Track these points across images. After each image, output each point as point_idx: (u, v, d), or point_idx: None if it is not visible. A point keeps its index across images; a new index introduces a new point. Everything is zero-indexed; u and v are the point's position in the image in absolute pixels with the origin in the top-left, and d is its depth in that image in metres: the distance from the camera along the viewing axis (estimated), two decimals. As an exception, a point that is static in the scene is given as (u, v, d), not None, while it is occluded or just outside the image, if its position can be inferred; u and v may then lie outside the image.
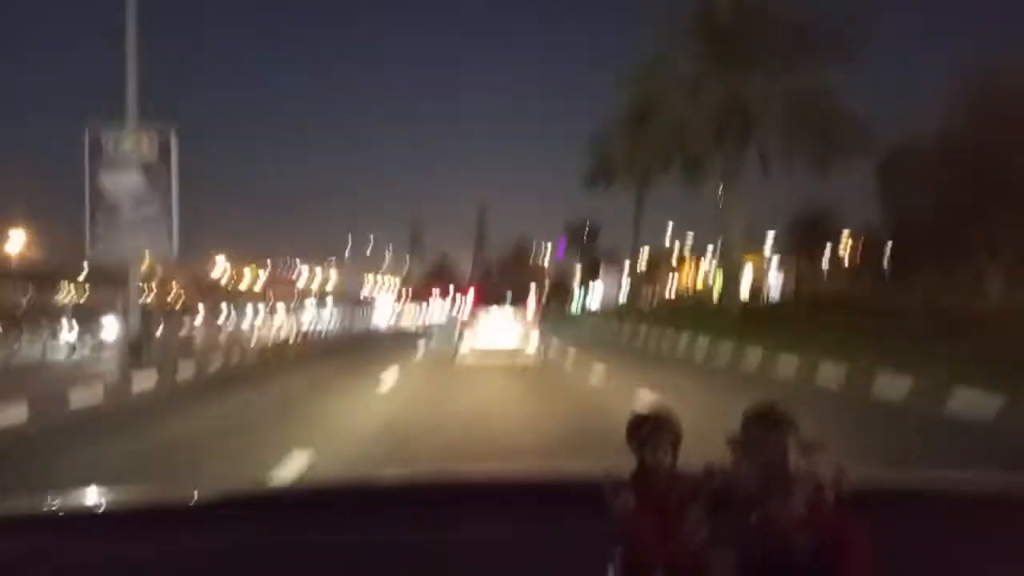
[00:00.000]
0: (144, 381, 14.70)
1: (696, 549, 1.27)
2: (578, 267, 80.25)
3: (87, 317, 24.34)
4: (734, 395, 11.78)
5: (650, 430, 1.33)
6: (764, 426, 1.25)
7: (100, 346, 19.82)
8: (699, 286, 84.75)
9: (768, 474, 1.23)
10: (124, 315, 17.73)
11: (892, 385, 12.51)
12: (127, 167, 16.81)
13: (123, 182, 16.88)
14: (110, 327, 20.02)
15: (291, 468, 6.89)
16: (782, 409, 1.27)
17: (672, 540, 1.26)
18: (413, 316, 61.43)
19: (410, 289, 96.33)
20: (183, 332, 25.05)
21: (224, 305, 30.40)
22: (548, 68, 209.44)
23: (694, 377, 15.71)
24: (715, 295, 76.34)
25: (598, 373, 15.64)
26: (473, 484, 2.06)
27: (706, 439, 1.43)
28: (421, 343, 26.56)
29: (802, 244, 59.99)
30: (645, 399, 10.75)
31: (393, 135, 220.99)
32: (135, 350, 17.00)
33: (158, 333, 23.67)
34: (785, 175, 26.91)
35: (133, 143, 16.93)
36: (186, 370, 16.54)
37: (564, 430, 8.52)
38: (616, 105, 32.39)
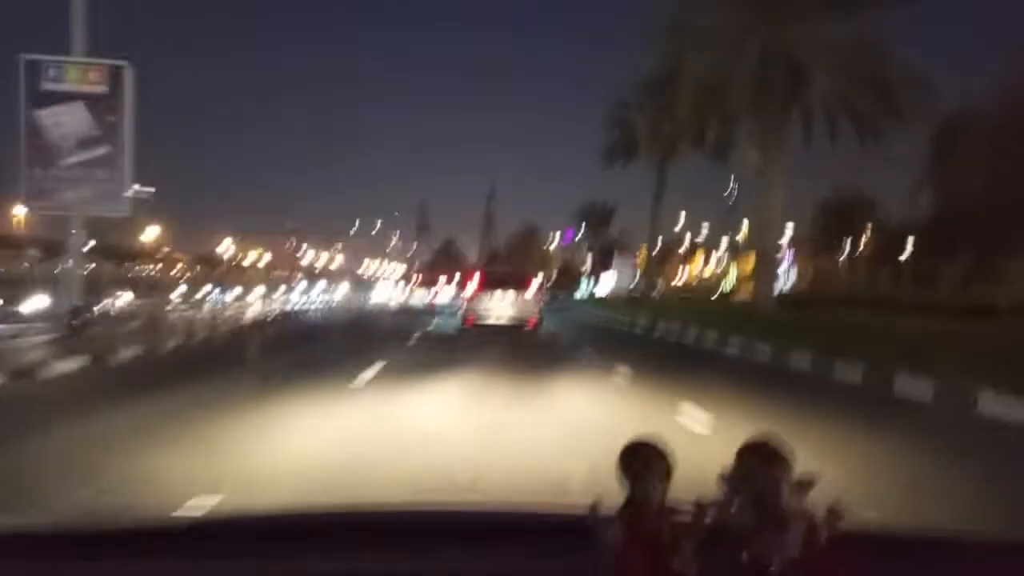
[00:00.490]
0: (69, 363, 11.99)
1: None
2: (589, 252, 77.39)
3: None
4: (820, 419, 8.57)
5: (643, 462, 1.28)
6: (757, 460, 1.22)
7: (15, 319, 16.91)
8: (717, 275, 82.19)
9: (761, 510, 1.20)
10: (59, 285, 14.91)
11: (1000, 402, 9.60)
12: (70, 101, 13.93)
13: (65, 119, 13.98)
14: (37, 300, 17.09)
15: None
16: (776, 445, 1.23)
17: None
18: (422, 296, 61.79)
19: (418, 273, 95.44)
20: (157, 307, 22.34)
21: (210, 284, 27.53)
22: (559, 48, 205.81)
23: (745, 385, 12.08)
24: (729, 286, 73.97)
25: (623, 382, 11.97)
26: (460, 517, 1.94)
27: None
28: (418, 331, 23.50)
29: (825, 236, 56.96)
30: (695, 425, 7.76)
31: (400, 120, 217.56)
32: (73, 326, 14.27)
33: (125, 305, 21.10)
34: (827, 147, 23.92)
35: (79, 73, 14.03)
36: (129, 351, 13.77)
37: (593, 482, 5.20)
38: (637, 70, 29.41)
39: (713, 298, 69.09)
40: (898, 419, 9.31)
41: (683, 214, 76.50)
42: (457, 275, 67.90)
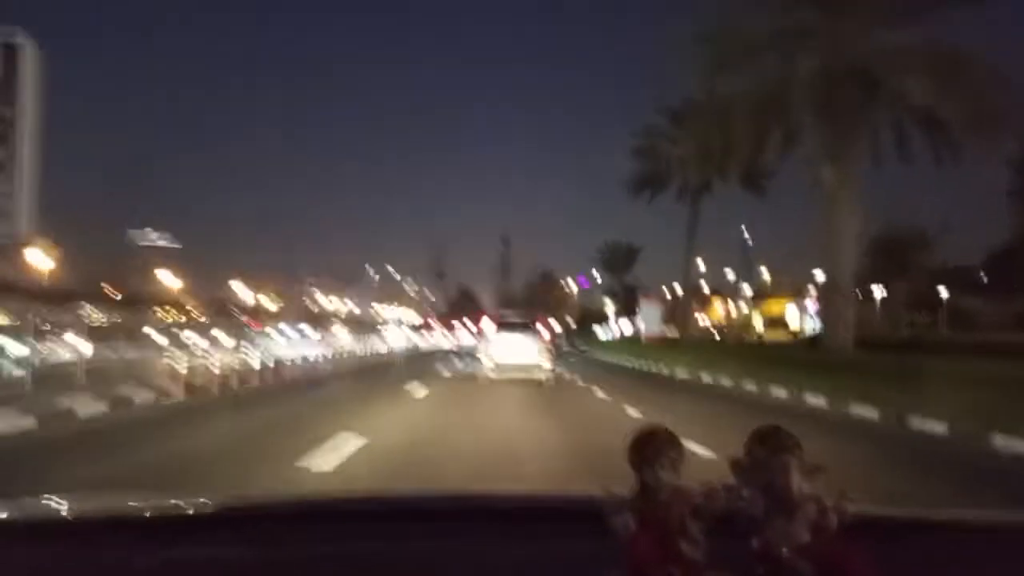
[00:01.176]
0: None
1: (696, 572, 1.20)
2: (608, 295, 73.02)
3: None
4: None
5: (653, 449, 1.26)
6: (767, 449, 1.21)
7: None
8: (741, 319, 77.93)
9: (770, 497, 1.19)
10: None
11: None
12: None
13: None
14: None
15: None
16: (785, 432, 1.23)
17: (672, 563, 1.20)
18: (445, 340, 65.01)
19: (434, 318, 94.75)
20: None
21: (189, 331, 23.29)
22: (573, 90, 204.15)
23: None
24: (756, 331, 69.64)
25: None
26: (473, 504, 1.91)
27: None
28: (422, 381, 19.53)
29: (870, 276, 52.56)
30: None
31: (416, 166, 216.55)
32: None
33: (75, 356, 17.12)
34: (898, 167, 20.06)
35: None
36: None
37: None
38: (669, 93, 25.82)
39: (732, 339, 64.99)
40: None
41: (700, 260, 72.40)
42: (473, 321, 68.18)
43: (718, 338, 67.27)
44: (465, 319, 79.70)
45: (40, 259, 71.70)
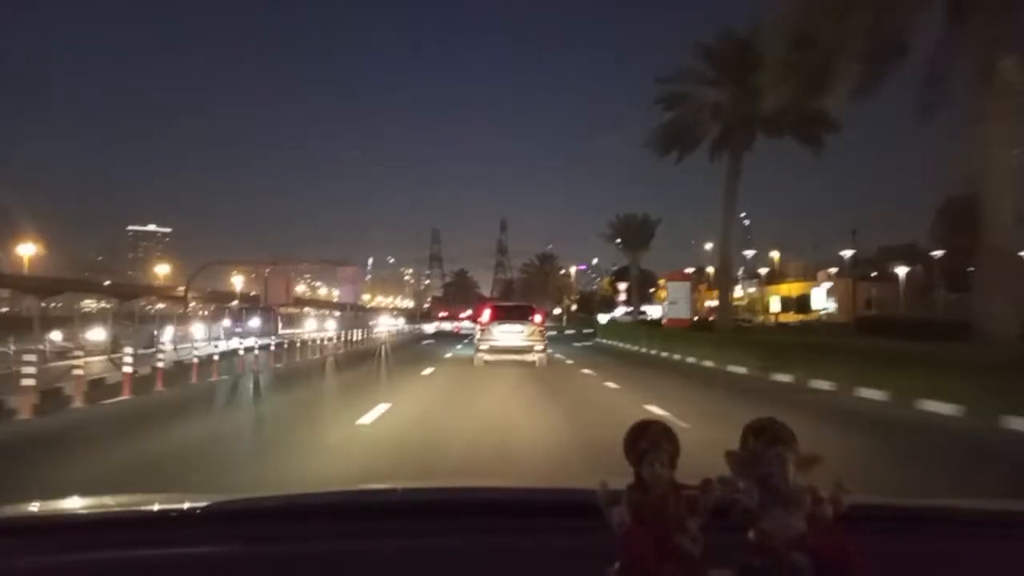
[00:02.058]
0: None
1: (692, 565, 1.14)
2: (611, 274, 67.45)
3: None
4: None
5: (649, 443, 1.21)
6: (762, 441, 1.17)
7: None
8: (751, 299, 71.91)
9: (766, 489, 1.15)
10: None
11: None
12: None
13: None
14: None
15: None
16: (780, 423, 1.19)
17: (669, 557, 1.14)
18: (440, 325, 60.66)
19: (434, 306, 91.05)
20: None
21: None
22: (573, 69, 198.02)
23: None
24: (771, 313, 63.59)
25: None
26: (471, 499, 1.82)
27: None
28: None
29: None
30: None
31: (414, 153, 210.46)
32: None
33: None
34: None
35: None
36: None
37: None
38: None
39: (756, 321, 58.87)
40: None
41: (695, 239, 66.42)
42: (469, 307, 67.36)
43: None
44: (462, 305, 76.42)
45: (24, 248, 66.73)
